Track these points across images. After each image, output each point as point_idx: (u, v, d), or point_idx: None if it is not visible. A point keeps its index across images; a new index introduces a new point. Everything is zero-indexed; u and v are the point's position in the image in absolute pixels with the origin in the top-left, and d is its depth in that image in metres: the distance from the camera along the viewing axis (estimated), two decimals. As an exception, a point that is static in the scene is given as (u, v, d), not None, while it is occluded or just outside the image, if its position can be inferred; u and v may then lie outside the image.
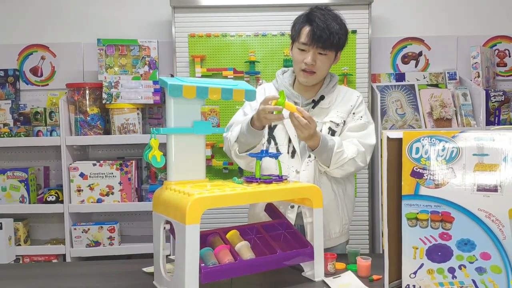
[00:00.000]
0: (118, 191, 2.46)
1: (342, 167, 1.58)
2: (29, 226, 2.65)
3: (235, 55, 2.53)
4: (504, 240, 1.12)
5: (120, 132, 2.48)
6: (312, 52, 1.58)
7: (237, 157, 1.64)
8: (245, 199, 1.27)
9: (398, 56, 2.80)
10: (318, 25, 1.55)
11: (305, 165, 1.63)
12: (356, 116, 1.68)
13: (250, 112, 1.69)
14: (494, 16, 2.81)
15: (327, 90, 1.69)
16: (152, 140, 1.27)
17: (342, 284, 1.32)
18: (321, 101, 1.68)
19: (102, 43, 2.52)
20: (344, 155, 1.57)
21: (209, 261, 1.24)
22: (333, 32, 1.56)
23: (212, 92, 1.32)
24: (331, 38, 1.56)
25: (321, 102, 1.68)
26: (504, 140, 1.14)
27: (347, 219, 1.73)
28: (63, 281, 1.43)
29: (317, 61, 1.60)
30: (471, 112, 2.59)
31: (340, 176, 1.63)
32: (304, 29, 1.59)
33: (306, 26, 1.58)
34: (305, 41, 1.58)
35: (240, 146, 1.62)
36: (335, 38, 1.57)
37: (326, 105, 1.68)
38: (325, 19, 1.56)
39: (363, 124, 1.67)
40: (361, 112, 1.69)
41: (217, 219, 2.41)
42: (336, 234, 1.70)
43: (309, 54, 1.59)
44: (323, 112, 1.68)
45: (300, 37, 1.60)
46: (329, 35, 1.55)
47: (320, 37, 1.55)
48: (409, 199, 1.19)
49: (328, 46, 1.57)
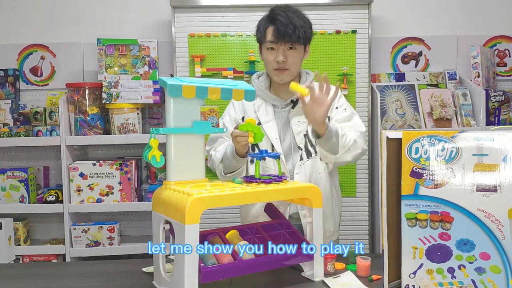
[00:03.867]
0: (117, 191, 2.47)
1: (349, 150, 1.59)
2: (29, 226, 2.65)
3: (235, 55, 2.53)
4: (504, 240, 1.12)
5: (120, 132, 2.48)
6: (281, 49, 1.60)
7: (222, 177, 1.66)
8: (244, 199, 1.27)
9: (398, 56, 2.80)
10: (282, 22, 1.56)
11: (298, 168, 1.65)
12: (340, 109, 1.70)
13: (229, 123, 1.72)
14: (494, 16, 2.81)
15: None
16: (152, 140, 1.27)
17: (342, 284, 1.32)
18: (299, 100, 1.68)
19: (102, 43, 2.52)
20: (348, 138, 1.58)
21: (208, 261, 1.24)
22: (297, 27, 1.57)
23: (212, 92, 1.32)
24: (297, 32, 1.57)
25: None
26: (504, 140, 1.13)
27: (338, 217, 1.78)
28: (63, 281, 1.43)
29: (287, 57, 1.61)
30: (471, 112, 2.59)
31: (351, 159, 1.62)
32: (268, 29, 1.61)
33: (270, 26, 1.60)
34: (272, 39, 1.59)
35: (224, 167, 1.64)
36: (301, 31, 1.58)
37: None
38: (287, 15, 1.58)
39: (349, 115, 1.69)
40: (344, 105, 1.71)
41: (217, 219, 2.41)
42: (330, 232, 1.73)
43: (279, 52, 1.60)
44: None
45: (266, 37, 1.61)
46: (294, 29, 1.57)
47: (286, 32, 1.56)
48: (408, 199, 1.19)
49: (295, 39, 1.58)
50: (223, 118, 1.77)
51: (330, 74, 2.52)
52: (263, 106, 1.70)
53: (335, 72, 2.52)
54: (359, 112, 2.48)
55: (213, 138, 1.75)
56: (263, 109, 1.69)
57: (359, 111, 2.52)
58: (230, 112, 1.75)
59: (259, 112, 1.69)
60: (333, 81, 2.48)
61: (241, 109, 1.73)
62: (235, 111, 1.74)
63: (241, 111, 1.73)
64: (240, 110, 1.73)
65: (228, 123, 1.73)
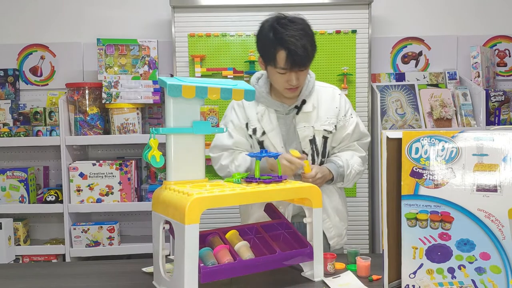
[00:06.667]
0: (117, 191, 2.46)
1: (353, 179, 1.70)
2: (29, 226, 2.65)
3: (235, 55, 2.53)
4: (504, 240, 1.12)
5: (120, 132, 2.48)
6: (294, 73, 1.56)
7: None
8: (244, 199, 1.27)
9: (398, 56, 2.80)
10: (294, 49, 1.50)
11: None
12: (347, 116, 1.70)
13: (234, 132, 1.69)
14: (494, 16, 2.81)
15: (307, 93, 1.67)
16: (152, 140, 1.27)
17: (342, 284, 1.32)
18: (303, 105, 1.67)
19: (102, 43, 2.52)
20: (353, 172, 1.67)
21: (208, 261, 1.24)
22: (308, 50, 1.53)
23: (211, 92, 1.31)
24: (309, 57, 1.55)
25: (304, 107, 1.67)
26: (504, 140, 1.13)
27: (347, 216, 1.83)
28: (62, 281, 1.43)
29: (299, 78, 1.58)
30: (471, 112, 2.59)
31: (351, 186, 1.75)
32: (280, 54, 1.52)
33: (281, 51, 1.52)
34: (285, 67, 1.54)
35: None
36: (311, 54, 1.56)
37: (309, 108, 1.66)
38: (298, 37, 1.50)
39: (356, 125, 1.72)
40: (349, 110, 1.72)
41: (217, 219, 2.41)
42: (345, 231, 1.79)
43: (292, 76, 1.55)
44: (309, 116, 1.67)
45: (277, 62, 1.54)
46: (306, 55, 1.53)
47: (300, 61, 1.52)
48: (408, 199, 1.19)
49: (307, 63, 1.57)
50: (226, 125, 1.72)
51: (330, 74, 2.52)
52: (266, 113, 1.66)
53: (335, 72, 2.52)
54: (359, 112, 2.49)
55: (219, 145, 1.71)
56: (267, 117, 1.66)
57: (359, 111, 2.52)
58: (233, 120, 1.70)
59: (262, 121, 1.66)
60: (333, 81, 2.49)
61: (244, 116, 1.69)
62: (238, 118, 1.70)
63: (244, 118, 1.69)
64: (243, 117, 1.69)
65: (233, 132, 1.69)
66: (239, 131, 1.69)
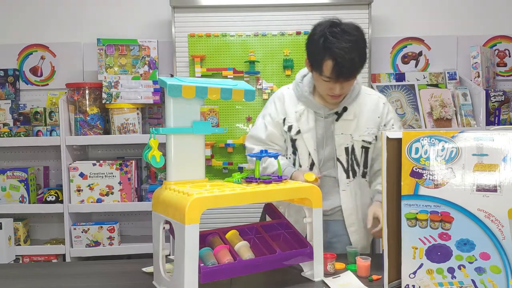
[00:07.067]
0: (117, 191, 2.46)
1: None
2: (29, 226, 2.65)
3: (235, 55, 2.53)
4: (504, 240, 1.12)
5: (120, 132, 2.48)
6: (338, 83, 1.53)
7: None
8: (244, 199, 1.27)
9: (398, 56, 2.80)
10: (342, 63, 1.46)
11: (345, 185, 1.65)
12: (387, 127, 1.67)
13: (270, 125, 1.68)
14: (494, 16, 2.81)
15: (350, 100, 1.64)
16: (152, 140, 1.27)
17: (342, 284, 1.32)
18: (344, 112, 1.64)
19: (102, 43, 2.52)
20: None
21: (208, 261, 1.24)
22: (356, 63, 1.48)
23: (212, 92, 1.31)
24: (357, 69, 1.51)
25: (345, 114, 1.64)
26: (504, 140, 1.13)
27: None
28: (62, 281, 1.43)
29: (344, 87, 1.55)
30: (471, 112, 2.59)
31: None
32: (326, 63, 1.49)
33: (328, 60, 1.48)
34: (330, 76, 1.50)
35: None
36: (360, 66, 1.51)
37: (350, 116, 1.64)
38: (348, 49, 1.45)
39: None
40: (391, 120, 1.68)
41: (217, 219, 2.41)
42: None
43: (336, 85, 1.53)
44: (348, 125, 1.64)
45: (323, 71, 1.51)
46: (353, 68, 1.49)
47: (346, 72, 1.49)
48: (408, 199, 1.19)
49: (353, 76, 1.53)
50: (264, 117, 1.72)
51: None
52: (305, 113, 1.65)
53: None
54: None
55: (254, 136, 1.71)
56: (305, 117, 1.64)
57: (359, 111, 2.52)
58: (271, 113, 1.70)
59: (300, 121, 1.65)
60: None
61: (283, 111, 1.68)
62: (277, 112, 1.69)
63: (283, 112, 1.68)
64: (282, 112, 1.68)
65: (270, 125, 1.69)
66: (275, 125, 1.68)
